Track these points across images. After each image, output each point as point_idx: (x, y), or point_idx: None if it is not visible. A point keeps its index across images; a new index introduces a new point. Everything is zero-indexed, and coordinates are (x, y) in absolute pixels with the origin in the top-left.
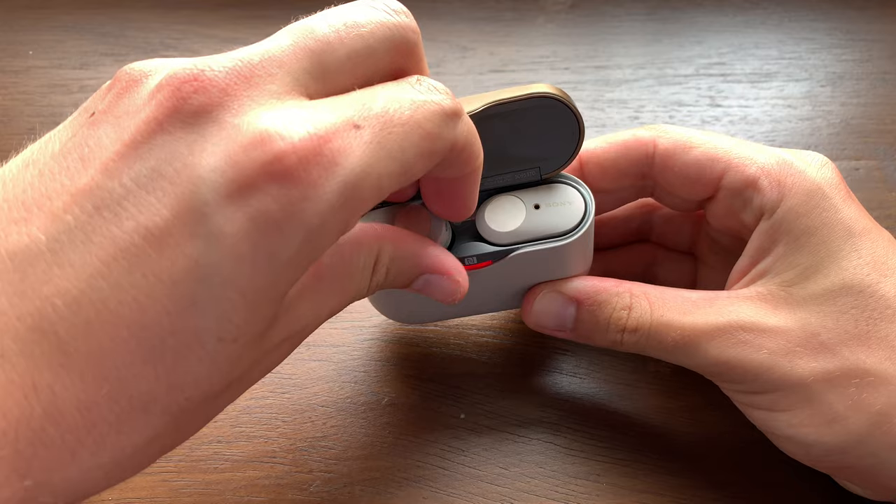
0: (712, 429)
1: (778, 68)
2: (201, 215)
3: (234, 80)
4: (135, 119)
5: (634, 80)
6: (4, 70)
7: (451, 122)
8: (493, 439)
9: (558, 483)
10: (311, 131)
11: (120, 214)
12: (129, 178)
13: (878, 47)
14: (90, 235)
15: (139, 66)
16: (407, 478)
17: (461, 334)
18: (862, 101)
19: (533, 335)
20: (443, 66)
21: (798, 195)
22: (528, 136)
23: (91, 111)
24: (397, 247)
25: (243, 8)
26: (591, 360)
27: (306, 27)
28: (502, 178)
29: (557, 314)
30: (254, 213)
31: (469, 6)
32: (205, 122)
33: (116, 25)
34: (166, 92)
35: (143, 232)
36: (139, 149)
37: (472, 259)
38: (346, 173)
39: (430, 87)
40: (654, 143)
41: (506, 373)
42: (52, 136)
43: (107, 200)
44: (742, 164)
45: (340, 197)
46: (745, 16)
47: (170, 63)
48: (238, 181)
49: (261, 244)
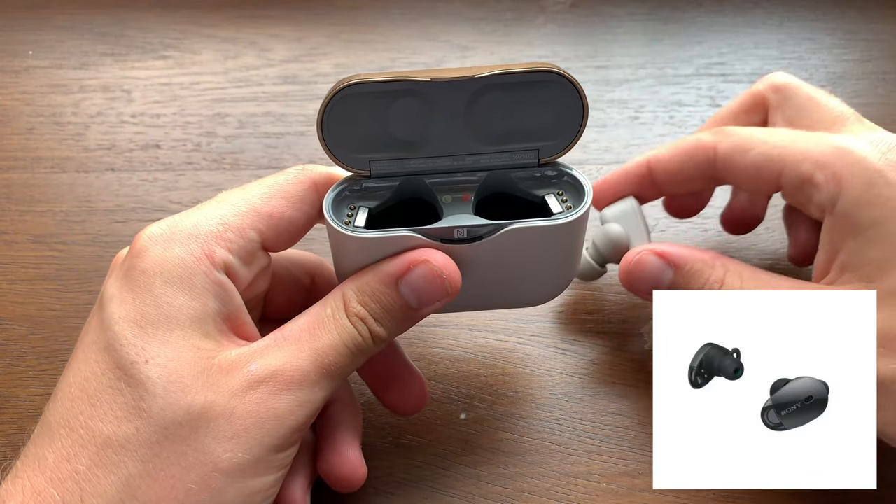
0: None
1: (778, 68)
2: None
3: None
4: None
5: (634, 80)
6: (4, 70)
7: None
8: (492, 439)
9: (558, 483)
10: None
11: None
12: None
13: (878, 47)
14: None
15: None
16: (407, 478)
17: (461, 334)
18: (862, 101)
19: (532, 335)
20: (442, 66)
21: (857, 186)
22: (530, 114)
23: None
24: (358, 278)
25: (243, 8)
26: (592, 360)
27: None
28: (500, 157)
29: (655, 276)
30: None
31: (469, 6)
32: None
33: (116, 25)
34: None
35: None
36: None
37: (461, 230)
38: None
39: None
40: (715, 148)
41: (506, 373)
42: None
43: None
44: (795, 162)
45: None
46: (745, 16)
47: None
48: None
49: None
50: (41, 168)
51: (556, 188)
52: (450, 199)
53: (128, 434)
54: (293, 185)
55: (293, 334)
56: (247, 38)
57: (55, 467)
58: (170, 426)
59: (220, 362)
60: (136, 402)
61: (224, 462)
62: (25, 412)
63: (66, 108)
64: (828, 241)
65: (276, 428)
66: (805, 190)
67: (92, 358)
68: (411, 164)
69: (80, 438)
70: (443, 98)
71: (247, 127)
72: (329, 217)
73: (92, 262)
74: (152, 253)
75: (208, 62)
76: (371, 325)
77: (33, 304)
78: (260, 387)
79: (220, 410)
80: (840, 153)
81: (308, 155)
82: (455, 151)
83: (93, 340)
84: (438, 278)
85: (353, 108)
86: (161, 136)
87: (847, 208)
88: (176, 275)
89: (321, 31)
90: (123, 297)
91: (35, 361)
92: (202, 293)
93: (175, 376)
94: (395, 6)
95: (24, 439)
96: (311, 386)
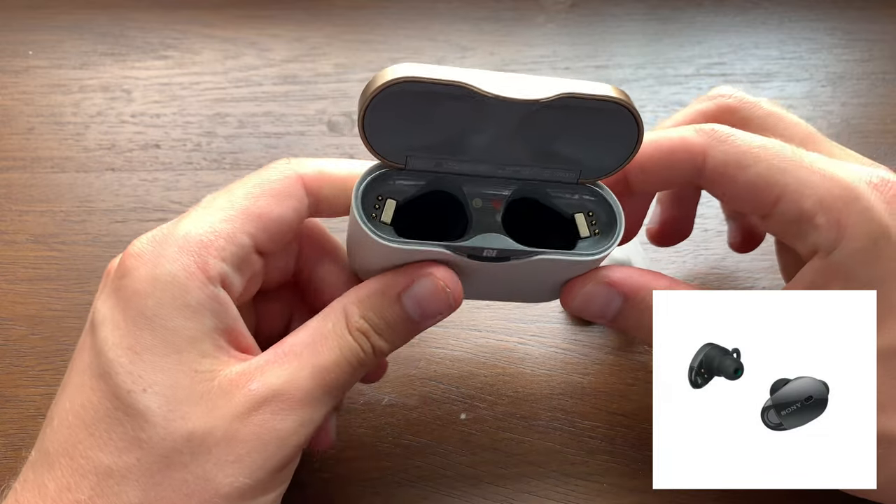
0: None
1: (778, 68)
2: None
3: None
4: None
5: (634, 80)
6: (4, 70)
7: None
8: (492, 439)
9: (558, 483)
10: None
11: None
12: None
13: (878, 47)
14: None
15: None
16: (407, 478)
17: (461, 334)
18: (863, 101)
19: (532, 335)
20: (443, 66)
21: (860, 239)
22: (583, 138)
23: None
24: (359, 290)
25: (243, 8)
26: (592, 360)
27: None
28: (541, 172)
29: (603, 305)
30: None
31: (469, 6)
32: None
33: (116, 25)
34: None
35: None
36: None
37: (491, 251)
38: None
39: None
40: (704, 154)
41: (506, 373)
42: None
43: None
44: (798, 194)
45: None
46: (745, 16)
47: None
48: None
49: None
50: (41, 168)
51: (588, 209)
52: (480, 203)
53: (129, 464)
54: (279, 182)
55: (294, 350)
56: (247, 38)
57: (57, 497)
58: (170, 455)
59: (220, 383)
60: (136, 432)
61: (226, 487)
62: (25, 412)
63: (66, 108)
64: (809, 280)
65: (279, 450)
66: (801, 226)
67: (87, 384)
68: (448, 163)
69: (80, 468)
70: (498, 111)
71: (247, 127)
72: (359, 217)
73: (92, 262)
74: (143, 272)
75: (208, 62)
76: (373, 338)
77: (33, 304)
78: (262, 408)
79: (221, 436)
80: (847, 196)
81: (308, 155)
82: (496, 161)
83: (87, 365)
84: (442, 292)
85: (399, 102)
86: (161, 136)
87: (844, 260)
88: (169, 294)
89: (321, 31)
90: (116, 321)
91: (35, 361)
92: (197, 311)
93: (174, 404)
94: (395, 6)
95: (24, 439)
96: (314, 405)
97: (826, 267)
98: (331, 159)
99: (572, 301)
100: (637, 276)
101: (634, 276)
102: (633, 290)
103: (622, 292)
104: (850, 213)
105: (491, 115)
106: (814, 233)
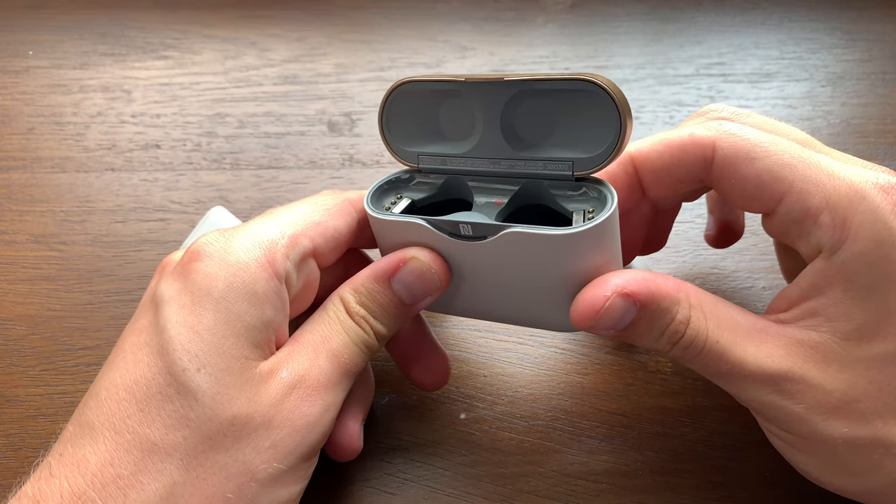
0: (712, 429)
1: (778, 68)
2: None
3: None
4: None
5: (634, 80)
6: (4, 70)
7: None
8: (492, 439)
9: (558, 483)
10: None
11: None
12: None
13: (878, 47)
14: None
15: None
16: (407, 478)
17: (461, 335)
18: (862, 101)
19: (532, 334)
20: (443, 66)
21: (864, 240)
22: (564, 124)
23: None
24: (353, 280)
25: (243, 8)
26: (592, 360)
27: None
28: (534, 165)
29: (617, 319)
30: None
31: (469, 6)
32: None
33: (116, 25)
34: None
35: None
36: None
37: (466, 227)
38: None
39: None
40: (714, 147)
41: (506, 373)
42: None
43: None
44: (805, 192)
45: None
46: (745, 16)
47: None
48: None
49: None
50: (41, 168)
51: (589, 205)
52: (483, 201)
53: (175, 442)
54: (331, 200)
55: (306, 340)
56: (247, 38)
57: (97, 471)
58: (214, 436)
59: (261, 371)
60: (185, 410)
61: (261, 472)
62: (25, 412)
63: (66, 108)
64: (810, 282)
65: (309, 435)
66: (805, 225)
67: (143, 360)
68: (455, 162)
69: (125, 443)
70: (480, 100)
71: (247, 127)
72: (366, 200)
73: (92, 262)
74: (215, 258)
75: (208, 62)
76: (372, 322)
77: (33, 304)
78: (292, 393)
79: (261, 421)
80: (854, 196)
81: (308, 155)
82: (491, 155)
83: (145, 342)
84: (427, 273)
85: (405, 104)
86: (161, 136)
87: (847, 261)
88: (240, 279)
89: (321, 31)
90: (182, 300)
91: (35, 361)
92: (262, 300)
93: (223, 387)
94: (395, 6)
95: (24, 439)
96: (334, 387)
97: (828, 268)
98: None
99: (588, 316)
100: (650, 283)
101: (647, 284)
102: (649, 299)
103: (639, 302)
104: (857, 213)
105: (475, 106)
106: (817, 232)
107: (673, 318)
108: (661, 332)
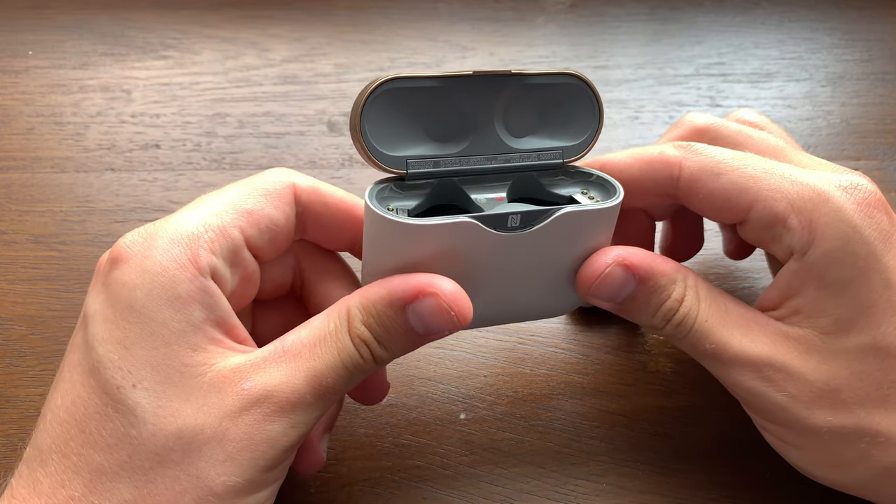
0: (712, 429)
1: (778, 68)
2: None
3: None
4: None
5: (634, 80)
6: (4, 70)
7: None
8: (492, 439)
9: (558, 483)
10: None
11: None
12: None
13: (878, 47)
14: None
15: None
16: (407, 478)
17: (461, 334)
18: (862, 101)
19: (532, 334)
20: (443, 66)
21: (831, 239)
22: (552, 117)
23: None
24: (365, 293)
25: (243, 8)
26: (592, 360)
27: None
28: (528, 158)
29: (618, 288)
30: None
31: (469, 6)
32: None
33: (116, 25)
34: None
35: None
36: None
37: (515, 217)
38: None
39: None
40: (680, 165)
41: (506, 373)
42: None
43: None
44: (770, 199)
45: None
46: (745, 16)
47: None
48: None
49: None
50: (41, 168)
51: (581, 188)
52: (485, 199)
53: (120, 461)
54: (272, 185)
55: (293, 349)
56: (247, 38)
57: (51, 493)
58: (161, 451)
59: (212, 378)
60: (126, 429)
61: (218, 486)
62: (25, 412)
63: (66, 108)
64: (786, 282)
65: (269, 450)
66: (775, 229)
67: (78, 380)
68: (445, 163)
69: (73, 465)
70: (469, 98)
71: (247, 127)
72: (375, 206)
73: (92, 262)
74: (132, 263)
75: (208, 62)
76: (374, 347)
77: (33, 304)
78: (253, 408)
79: (212, 433)
80: (818, 199)
81: (308, 155)
82: (486, 151)
83: (78, 361)
84: (447, 312)
85: (387, 106)
86: (161, 136)
87: (817, 260)
88: (159, 285)
89: (321, 31)
90: (105, 315)
91: (35, 361)
92: (187, 302)
93: (164, 400)
94: (395, 6)
95: (23, 439)
96: (306, 408)
97: (800, 268)
98: (327, 184)
99: (588, 281)
100: (650, 260)
101: (648, 260)
102: (648, 274)
103: (638, 275)
104: (821, 214)
105: (464, 103)
106: (787, 235)
107: (669, 296)
108: (657, 308)
